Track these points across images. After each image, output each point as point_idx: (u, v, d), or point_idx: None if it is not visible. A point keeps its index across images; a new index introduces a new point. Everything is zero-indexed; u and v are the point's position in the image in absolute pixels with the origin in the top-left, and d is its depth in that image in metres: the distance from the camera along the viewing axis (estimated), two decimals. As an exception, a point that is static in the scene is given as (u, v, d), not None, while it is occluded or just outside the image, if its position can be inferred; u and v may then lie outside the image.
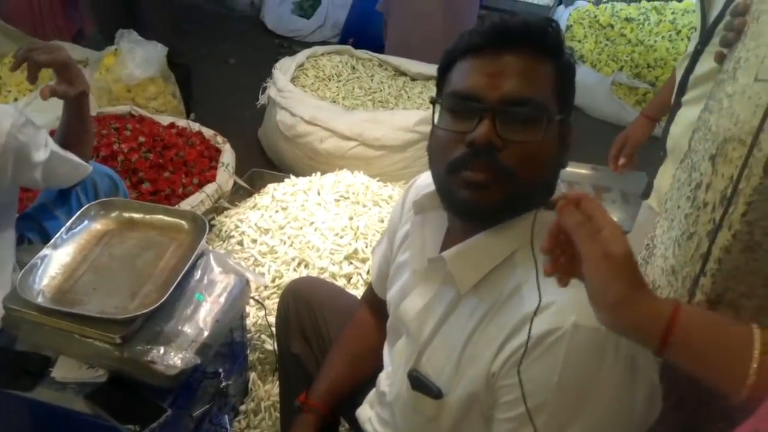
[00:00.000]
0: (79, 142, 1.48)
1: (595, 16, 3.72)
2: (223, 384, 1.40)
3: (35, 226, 1.51)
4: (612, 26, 3.64)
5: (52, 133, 1.46)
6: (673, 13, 3.77)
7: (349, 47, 3.07)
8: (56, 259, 1.26)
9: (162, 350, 1.15)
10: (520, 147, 0.77)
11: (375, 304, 1.17)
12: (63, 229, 1.31)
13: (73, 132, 1.47)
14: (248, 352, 1.63)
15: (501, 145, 0.77)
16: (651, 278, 1.05)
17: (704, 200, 0.87)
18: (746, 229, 0.74)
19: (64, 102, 1.43)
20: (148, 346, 1.14)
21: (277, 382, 1.55)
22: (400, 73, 2.98)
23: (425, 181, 0.95)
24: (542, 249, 0.68)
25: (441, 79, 0.88)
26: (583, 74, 3.44)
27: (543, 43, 0.80)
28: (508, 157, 0.77)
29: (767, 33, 0.80)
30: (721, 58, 0.99)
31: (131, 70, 2.54)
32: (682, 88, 1.43)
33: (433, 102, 0.84)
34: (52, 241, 1.28)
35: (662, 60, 3.40)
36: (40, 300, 1.16)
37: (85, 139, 1.50)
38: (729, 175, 0.80)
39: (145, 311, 1.15)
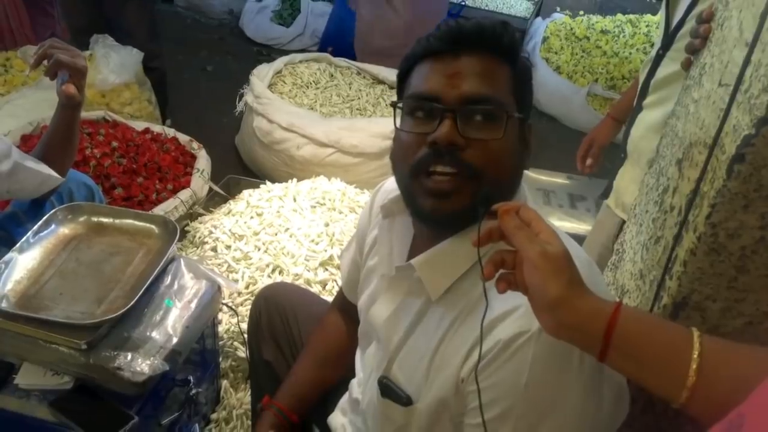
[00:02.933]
0: (63, 152, 1.45)
1: (572, 29, 3.78)
2: (193, 392, 1.38)
3: (4, 235, 1.47)
4: (588, 38, 3.70)
5: (24, 139, 1.43)
6: (647, 25, 3.84)
7: (327, 55, 3.07)
8: (22, 264, 1.24)
9: (129, 357, 1.12)
10: (482, 145, 0.78)
11: (345, 308, 1.16)
12: (29, 233, 1.28)
13: (59, 141, 1.44)
14: (220, 359, 1.61)
15: (463, 143, 0.77)
16: (621, 282, 1.06)
17: (671, 204, 0.88)
18: (710, 231, 0.75)
19: (57, 109, 1.41)
20: (115, 353, 1.12)
21: (249, 390, 1.53)
22: (378, 81, 2.99)
23: (392, 185, 0.95)
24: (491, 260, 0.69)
25: (401, 84, 0.88)
26: (559, 85, 3.49)
27: (499, 45, 0.81)
28: (471, 156, 0.77)
29: (731, 39, 0.81)
30: (688, 65, 1.01)
31: (105, 75, 2.51)
32: (644, 92, 1.47)
33: (393, 105, 0.84)
34: (17, 245, 1.25)
35: (636, 71, 3.45)
36: (3, 305, 1.14)
37: (69, 149, 1.47)
38: (695, 179, 0.81)
39: (111, 317, 1.12)
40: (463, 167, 0.77)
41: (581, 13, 4.44)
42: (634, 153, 1.50)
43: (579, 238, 1.70)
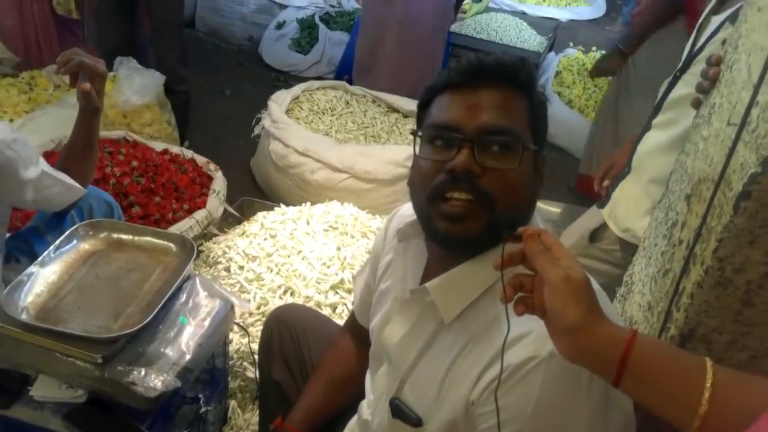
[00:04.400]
0: (83, 162, 1.50)
1: (584, 64, 3.83)
2: (203, 410, 1.39)
3: (25, 247, 1.51)
4: (600, 73, 3.74)
5: (46, 156, 1.48)
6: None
7: (344, 83, 3.13)
8: (42, 277, 1.27)
9: (143, 372, 1.14)
10: (498, 174, 0.81)
11: (357, 331, 1.18)
12: (51, 247, 1.32)
13: (79, 150, 1.49)
14: (229, 379, 1.62)
15: (480, 171, 0.80)
16: (629, 314, 1.08)
17: (679, 238, 0.90)
18: (717, 265, 0.77)
19: (77, 118, 1.47)
20: (129, 367, 1.14)
21: (257, 411, 1.54)
22: (393, 109, 3.03)
23: (408, 210, 0.98)
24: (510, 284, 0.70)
25: (421, 114, 0.92)
26: (571, 118, 3.52)
27: (517, 79, 0.84)
28: (486, 184, 0.80)
29: (740, 81, 0.84)
30: (697, 104, 1.04)
31: (128, 96, 2.58)
32: (656, 111, 1.50)
33: (413, 133, 0.88)
34: (39, 259, 1.28)
35: (648, 107, 3.49)
36: (24, 317, 1.16)
37: (90, 159, 1.52)
38: (702, 214, 0.84)
39: (127, 332, 1.15)
40: (479, 194, 0.80)
41: (594, 48, 4.50)
42: (638, 168, 1.53)
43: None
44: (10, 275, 1.36)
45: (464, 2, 4.02)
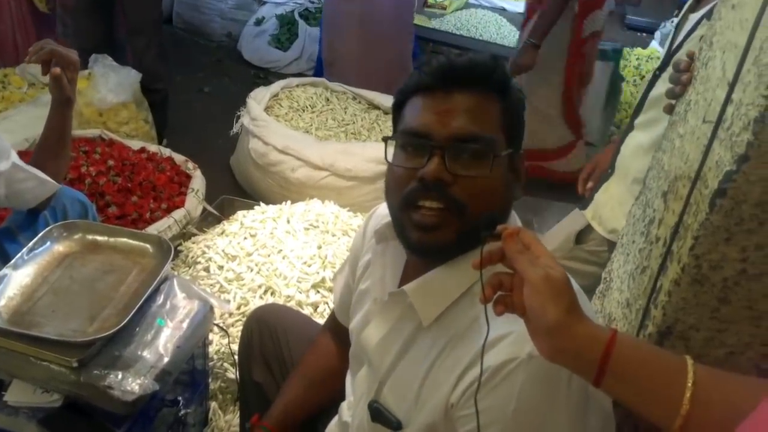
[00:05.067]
0: (56, 157, 1.48)
1: (563, 60, 3.85)
2: (182, 412, 1.38)
3: (-2, 249, 1.49)
4: (579, 69, 3.76)
5: (20, 155, 1.45)
6: (637, 59, 3.92)
7: (324, 80, 3.12)
8: (15, 280, 1.24)
9: (120, 375, 1.12)
10: (470, 181, 0.80)
11: (337, 330, 1.17)
12: (24, 249, 1.29)
13: (51, 145, 1.48)
14: (210, 380, 1.60)
15: (451, 179, 0.80)
16: (608, 311, 1.08)
17: (656, 235, 0.91)
18: (694, 263, 0.78)
19: (50, 112, 1.46)
20: (106, 371, 1.12)
21: (238, 412, 1.53)
22: (373, 106, 3.03)
23: (385, 210, 0.97)
24: (488, 283, 0.70)
25: (395, 115, 0.92)
26: (551, 114, 3.53)
27: (489, 81, 0.84)
28: (457, 191, 0.80)
29: (714, 78, 0.85)
30: (670, 110, 1.05)
31: (103, 94, 2.54)
32: (637, 110, 1.51)
33: (385, 140, 0.87)
34: (12, 261, 1.26)
35: (626, 103, 3.52)
36: (-5, 321, 1.14)
37: (62, 154, 1.50)
38: (679, 211, 0.84)
39: (103, 335, 1.13)
40: (450, 202, 0.80)
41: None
42: (621, 169, 1.55)
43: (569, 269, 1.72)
44: None
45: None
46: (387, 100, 3.00)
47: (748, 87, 0.71)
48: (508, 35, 4.41)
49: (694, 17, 1.35)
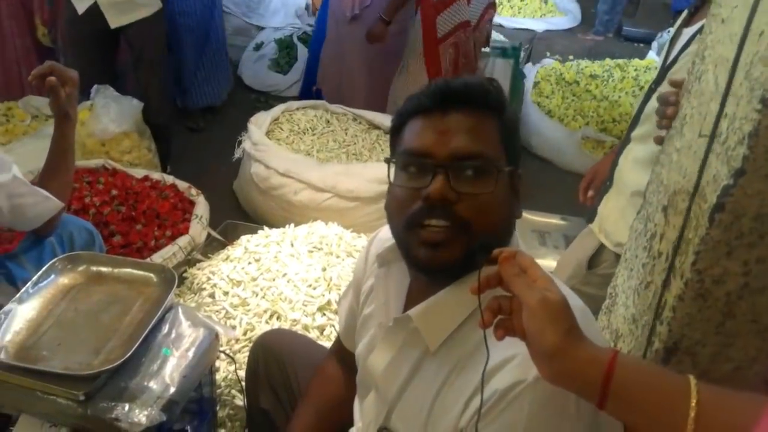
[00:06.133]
0: (59, 178, 1.50)
1: (561, 74, 3.88)
2: (190, 442, 1.37)
3: (3, 270, 1.50)
4: (578, 83, 3.79)
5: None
6: (635, 70, 3.94)
7: (323, 102, 3.14)
8: (21, 314, 1.24)
9: (126, 407, 1.12)
10: (474, 199, 0.81)
11: (343, 355, 1.16)
12: (29, 283, 1.29)
13: (54, 166, 1.50)
14: (218, 408, 1.59)
15: (455, 198, 0.80)
16: (614, 327, 1.08)
17: (659, 250, 0.91)
18: (697, 278, 0.77)
19: (53, 135, 1.49)
20: (113, 403, 1.12)
21: (247, 439, 1.52)
22: (373, 126, 3.04)
23: (387, 233, 0.98)
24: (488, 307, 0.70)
25: (393, 139, 0.92)
26: (551, 128, 3.55)
27: (485, 101, 0.84)
28: (463, 209, 0.80)
29: (708, 92, 0.85)
30: (660, 141, 1.06)
31: (105, 125, 2.56)
32: (634, 124, 1.52)
33: (387, 161, 0.88)
34: (17, 295, 1.26)
35: (627, 115, 3.53)
36: (2, 356, 1.14)
37: (63, 175, 1.52)
38: (680, 226, 0.84)
39: (109, 367, 1.13)
40: (455, 220, 0.80)
41: (571, 57, 4.56)
42: (619, 182, 1.55)
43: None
44: None
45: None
46: (387, 120, 3.01)
47: (741, 101, 0.72)
48: (506, 51, 4.43)
49: (688, 32, 1.36)
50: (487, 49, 3.38)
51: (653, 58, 4.27)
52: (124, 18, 2.58)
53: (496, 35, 4.43)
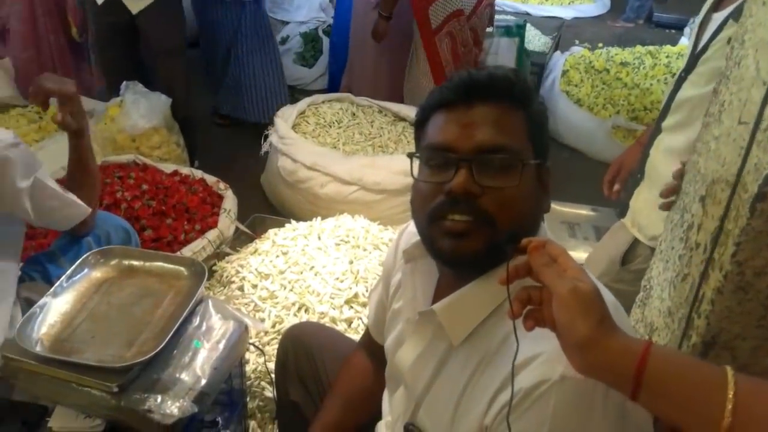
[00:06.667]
0: (81, 185, 1.51)
1: (590, 62, 3.80)
2: (222, 433, 1.38)
3: (40, 269, 1.53)
4: (607, 71, 3.71)
5: (61, 183, 1.50)
6: (667, 56, 3.84)
7: (349, 95, 3.13)
8: (55, 308, 1.27)
9: (159, 399, 1.14)
10: (499, 193, 0.79)
11: (372, 348, 1.16)
12: (63, 277, 1.32)
13: (74, 172, 1.52)
14: (248, 399, 1.61)
15: (479, 191, 0.79)
16: (649, 320, 1.05)
17: (696, 241, 0.88)
18: (737, 270, 0.75)
19: (69, 145, 1.49)
20: (145, 395, 1.13)
21: (277, 431, 1.53)
22: (399, 118, 3.03)
23: (415, 228, 0.97)
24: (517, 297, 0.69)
25: (418, 132, 0.91)
26: (580, 118, 3.49)
27: (511, 93, 0.82)
28: (486, 203, 0.79)
29: (748, 78, 0.82)
30: (667, 207, 1.05)
31: (135, 120, 2.59)
32: (664, 113, 1.48)
33: (410, 156, 0.86)
34: (51, 289, 1.28)
35: (658, 102, 3.45)
36: (38, 349, 1.16)
37: (86, 182, 1.53)
38: (719, 216, 0.81)
39: (141, 359, 1.14)
40: (479, 214, 0.78)
41: (600, 45, 4.48)
42: (652, 174, 1.52)
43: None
44: (25, 293, 1.42)
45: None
46: (413, 112, 2.99)
47: (786, 86, 0.69)
48: (534, 39, 4.37)
49: (717, 17, 1.31)
50: (491, 29, 3.31)
51: (685, 44, 4.16)
52: (142, 2, 2.58)
53: (501, 17, 4.35)
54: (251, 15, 3.16)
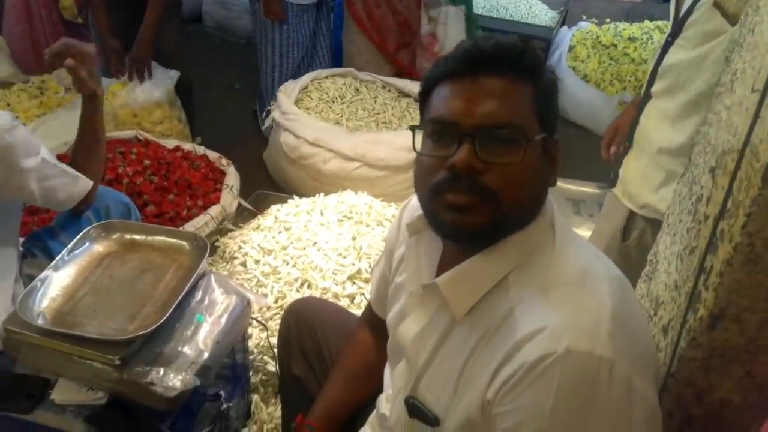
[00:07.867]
0: (90, 154, 1.50)
1: (598, 37, 3.74)
2: (224, 406, 1.39)
3: (40, 245, 1.53)
4: (615, 46, 3.65)
5: (59, 158, 1.48)
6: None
7: (352, 70, 3.09)
8: (57, 281, 1.26)
9: (161, 372, 1.14)
10: (502, 169, 0.77)
11: (374, 323, 1.16)
12: (64, 251, 1.31)
13: (85, 142, 1.50)
14: (250, 373, 1.61)
15: (482, 167, 0.77)
16: (654, 294, 1.04)
17: (705, 213, 0.86)
18: (747, 241, 0.73)
19: (81, 110, 1.49)
20: (147, 368, 1.14)
21: (280, 405, 1.54)
22: (403, 94, 2.99)
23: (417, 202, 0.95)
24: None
25: (422, 103, 0.88)
26: (587, 94, 3.45)
27: (518, 64, 0.79)
28: (490, 179, 0.77)
29: (763, 44, 0.80)
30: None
31: (137, 95, 2.57)
32: (652, 79, 1.47)
33: (412, 129, 0.84)
34: (53, 263, 1.28)
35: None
36: (40, 322, 1.16)
37: (96, 152, 1.52)
38: (728, 187, 0.79)
39: (143, 332, 1.14)
40: (481, 191, 0.77)
41: (607, 20, 4.39)
42: (642, 141, 1.50)
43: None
44: (26, 269, 1.42)
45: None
46: (416, 87, 2.96)
47: (802, 51, 0.67)
48: (540, 14, 4.29)
49: None
50: None
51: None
52: None
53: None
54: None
